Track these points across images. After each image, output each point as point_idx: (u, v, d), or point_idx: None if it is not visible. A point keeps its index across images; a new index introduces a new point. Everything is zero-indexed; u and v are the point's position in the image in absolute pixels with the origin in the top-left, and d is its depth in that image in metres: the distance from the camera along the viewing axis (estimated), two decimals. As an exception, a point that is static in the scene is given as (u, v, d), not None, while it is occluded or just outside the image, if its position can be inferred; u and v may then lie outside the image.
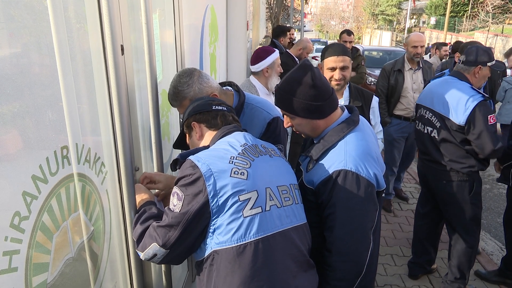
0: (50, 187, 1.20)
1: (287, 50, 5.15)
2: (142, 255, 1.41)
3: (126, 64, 1.64)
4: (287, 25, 8.07)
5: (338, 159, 1.57)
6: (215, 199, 1.31)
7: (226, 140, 1.49)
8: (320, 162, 1.63)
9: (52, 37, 1.24)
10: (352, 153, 1.57)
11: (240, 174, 1.35)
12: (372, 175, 1.57)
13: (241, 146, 1.45)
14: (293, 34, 5.72)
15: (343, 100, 2.79)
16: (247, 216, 1.32)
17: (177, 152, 2.60)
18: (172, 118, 2.53)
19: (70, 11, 1.39)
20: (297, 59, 4.91)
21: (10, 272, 1.03)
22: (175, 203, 1.37)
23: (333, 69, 2.62)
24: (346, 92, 2.82)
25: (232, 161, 1.37)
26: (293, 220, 1.45)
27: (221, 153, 1.40)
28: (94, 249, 1.53)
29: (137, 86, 1.87)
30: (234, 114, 1.68)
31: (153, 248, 1.37)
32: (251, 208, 1.33)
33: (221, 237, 1.32)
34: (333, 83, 2.65)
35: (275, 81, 3.28)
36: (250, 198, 1.33)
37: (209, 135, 1.58)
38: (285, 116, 1.73)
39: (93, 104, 1.53)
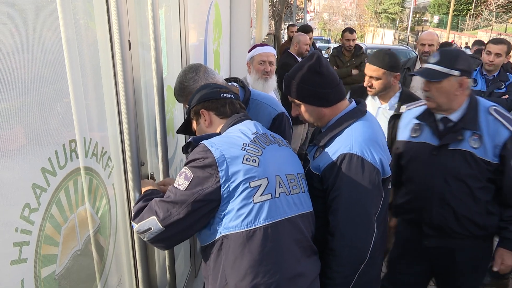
0: (58, 180, 1.22)
1: (287, 49, 5.09)
2: (136, 227, 1.39)
3: (133, 59, 1.65)
4: (289, 22, 7.96)
5: (344, 144, 1.60)
6: (227, 184, 1.33)
7: (238, 128, 1.51)
8: (326, 149, 1.66)
9: (61, 32, 1.25)
10: (358, 138, 1.60)
11: (252, 161, 1.38)
12: (378, 160, 1.59)
13: (252, 134, 1.48)
14: (292, 32, 5.56)
15: (386, 105, 2.75)
16: (257, 202, 1.35)
17: (181, 145, 2.61)
18: (177, 113, 2.54)
19: (79, 7, 1.40)
20: (298, 58, 4.86)
21: (20, 263, 1.05)
22: (181, 182, 1.37)
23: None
24: (395, 98, 2.74)
25: (245, 148, 1.40)
26: (300, 207, 1.48)
27: (234, 140, 1.43)
28: (101, 242, 1.55)
29: (143, 82, 1.89)
30: (240, 102, 1.70)
31: (150, 221, 1.35)
32: (261, 195, 1.36)
33: (231, 222, 1.35)
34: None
35: (254, 77, 3.12)
36: (260, 185, 1.37)
37: (218, 122, 1.60)
38: (292, 104, 1.77)
39: (100, 99, 1.54)
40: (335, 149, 1.62)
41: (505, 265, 2.09)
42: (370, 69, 2.65)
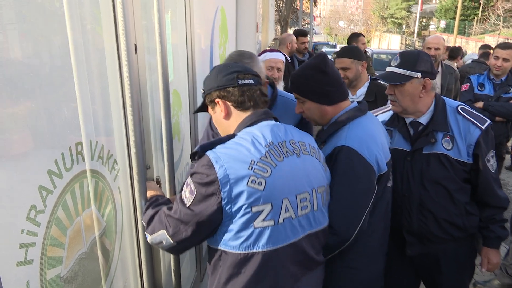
0: (65, 182, 1.22)
1: (278, 50, 5.12)
2: (149, 238, 1.42)
3: (139, 63, 1.66)
4: (295, 27, 7.94)
5: (341, 138, 1.67)
6: (229, 206, 1.29)
7: (252, 134, 1.38)
8: (325, 145, 1.74)
9: (68, 37, 1.26)
10: (356, 132, 1.67)
11: (258, 184, 1.29)
12: (372, 156, 1.64)
13: (266, 146, 1.35)
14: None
15: (355, 96, 2.98)
16: (258, 227, 1.31)
17: (186, 148, 2.62)
18: (183, 117, 2.55)
19: (86, 12, 1.42)
20: (288, 58, 4.89)
21: (26, 264, 1.05)
22: (187, 195, 1.35)
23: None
24: (364, 88, 2.97)
25: (252, 167, 1.30)
26: (306, 228, 1.43)
27: (242, 155, 1.32)
28: (106, 245, 1.55)
29: (149, 86, 1.90)
30: (261, 86, 1.53)
31: (161, 235, 1.37)
32: (262, 220, 1.31)
33: (230, 241, 1.33)
34: None
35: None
36: (263, 210, 1.31)
37: (236, 115, 1.48)
38: (297, 101, 1.83)
39: (106, 102, 1.55)
40: (332, 144, 1.68)
41: (491, 263, 2.11)
42: (340, 62, 2.90)
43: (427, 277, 2.25)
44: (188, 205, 1.34)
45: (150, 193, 1.63)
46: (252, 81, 1.49)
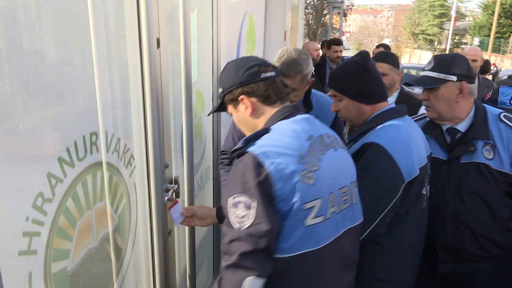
0: (76, 172, 1.17)
1: None
2: None
3: (162, 59, 1.62)
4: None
5: (371, 136, 1.60)
6: (281, 204, 1.18)
7: (289, 127, 1.29)
8: (355, 144, 1.66)
9: (90, 32, 1.24)
10: (389, 132, 1.59)
11: (308, 178, 1.21)
12: (401, 158, 1.54)
13: (307, 139, 1.27)
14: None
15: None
16: (309, 225, 1.22)
17: (208, 151, 2.56)
18: (205, 120, 2.50)
19: (110, 17, 1.40)
20: None
21: (29, 254, 1.00)
22: (242, 213, 1.16)
23: None
24: (393, 98, 2.83)
25: (301, 161, 1.21)
26: (346, 223, 1.35)
27: (288, 148, 1.22)
28: (118, 242, 1.49)
29: (171, 83, 1.86)
30: (283, 79, 1.47)
31: (250, 283, 1.15)
32: (313, 217, 1.22)
33: (279, 244, 1.21)
34: None
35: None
36: (314, 206, 1.22)
37: (262, 110, 1.38)
38: (334, 99, 1.76)
39: (126, 94, 1.51)
40: (362, 142, 1.61)
41: None
42: (378, 67, 2.76)
43: None
44: (249, 224, 1.15)
45: None
46: (274, 73, 1.40)
